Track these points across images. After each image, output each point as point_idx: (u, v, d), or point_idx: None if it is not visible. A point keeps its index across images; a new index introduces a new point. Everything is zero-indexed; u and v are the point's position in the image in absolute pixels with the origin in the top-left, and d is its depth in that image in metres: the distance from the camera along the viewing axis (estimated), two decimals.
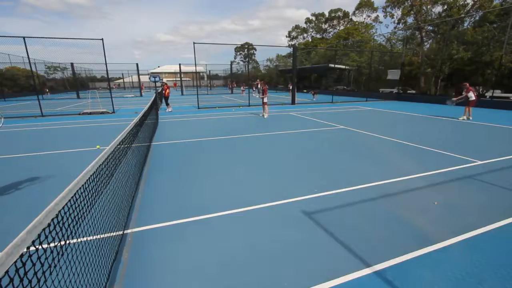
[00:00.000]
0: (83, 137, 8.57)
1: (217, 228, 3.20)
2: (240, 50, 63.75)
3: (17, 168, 5.46)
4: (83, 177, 1.87)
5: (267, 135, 8.62)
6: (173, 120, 12.08)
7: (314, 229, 3.14)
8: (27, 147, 7.19)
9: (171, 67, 60.98)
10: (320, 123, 10.81)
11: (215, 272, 2.46)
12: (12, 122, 11.95)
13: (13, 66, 32.51)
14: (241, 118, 12.43)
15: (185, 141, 7.74)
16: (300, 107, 16.92)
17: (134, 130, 3.95)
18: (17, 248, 1.09)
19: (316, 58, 38.12)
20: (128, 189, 3.63)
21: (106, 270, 2.27)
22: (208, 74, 50.20)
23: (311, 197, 3.98)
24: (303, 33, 52.48)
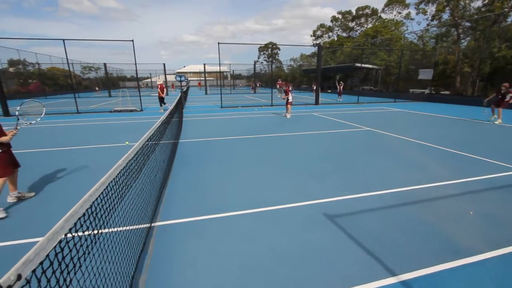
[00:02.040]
0: (113, 133, 9.05)
1: (238, 226, 3.23)
2: (264, 49, 63.79)
3: (56, 161, 5.90)
4: (114, 171, 1.97)
5: (289, 135, 8.54)
6: (197, 118, 12.38)
7: (337, 233, 3.05)
8: (64, 142, 7.75)
9: (196, 66, 62.57)
10: (344, 124, 10.50)
11: (234, 270, 2.48)
12: (52, 118, 12.93)
13: (53, 66, 35.23)
14: (264, 118, 12.44)
15: (208, 140, 7.89)
16: (324, 108, 16.57)
17: (161, 127, 4.09)
18: (56, 234, 1.17)
19: (341, 57, 37.12)
20: (157, 184, 3.77)
21: (134, 260, 2.38)
22: (231, 74, 50.83)
23: (334, 200, 3.88)
24: (328, 32, 51.29)
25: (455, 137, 8.13)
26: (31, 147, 7.05)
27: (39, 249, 1.05)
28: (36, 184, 4.53)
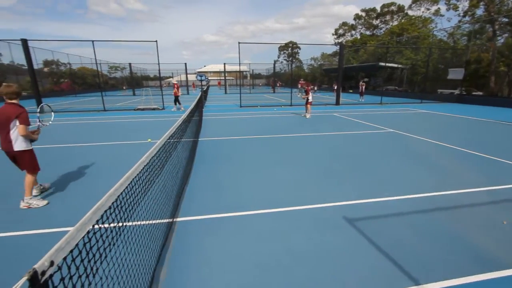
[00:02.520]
0: (136, 130, 9.41)
1: (254, 226, 3.23)
2: (284, 49, 63.39)
3: (83, 155, 6.24)
4: (138, 167, 2.05)
5: (308, 135, 8.43)
6: (216, 117, 12.55)
7: (357, 237, 2.97)
8: (92, 138, 8.17)
9: (216, 66, 63.51)
10: (366, 125, 10.19)
11: (250, 270, 2.49)
12: (81, 115, 13.70)
13: (83, 66, 37.29)
14: (283, 118, 12.36)
15: (227, 138, 7.98)
16: (345, 108, 16.17)
17: (182, 125, 4.20)
18: (85, 225, 1.23)
19: (364, 56, 36.02)
20: (178, 180, 3.88)
21: (156, 253, 2.47)
22: (251, 74, 51.04)
23: (355, 203, 3.78)
24: (351, 30, 49.96)
25: (487, 141, 7.60)
26: (61, 143, 7.50)
27: (69, 238, 1.11)
28: (64, 177, 4.82)
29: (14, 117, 3.42)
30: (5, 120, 3.42)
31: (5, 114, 3.41)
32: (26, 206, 3.63)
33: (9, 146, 3.50)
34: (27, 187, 3.66)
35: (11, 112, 3.42)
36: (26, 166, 3.68)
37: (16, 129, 3.47)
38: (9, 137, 3.47)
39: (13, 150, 3.53)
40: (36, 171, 3.78)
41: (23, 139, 3.55)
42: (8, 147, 3.52)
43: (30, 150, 3.69)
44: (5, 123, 3.43)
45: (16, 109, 3.46)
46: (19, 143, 3.54)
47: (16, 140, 3.51)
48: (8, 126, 3.44)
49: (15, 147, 3.52)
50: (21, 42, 13.57)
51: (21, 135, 3.49)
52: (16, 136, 3.50)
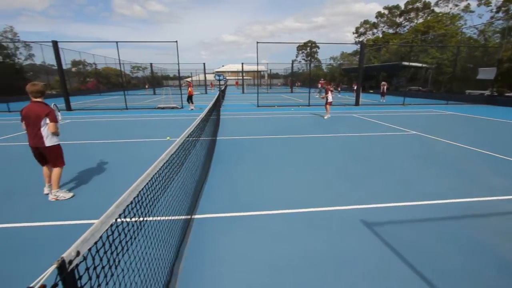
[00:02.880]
0: (156, 128, 9.70)
1: (270, 226, 3.22)
2: (303, 48, 62.69)
3: (106, 152, 6.52)
4: (158, 164, 2.10)
5: (326, 136, 8.28)
6: (234, 117, 12.65)
7: (375, 242, 2.87)
8: (114, 135, 8.51)
9: (234, 66, 63.96)
10: (387, 126, 9.85)
11: (264, 269, 2.48)
12: (104, 113, 14.31)
13: (107, 66, 38.95)
14: (300, 118, 12.24)
15: (244, 138, 8.02)
16: (364, 109, 15.73)
17: (201, 124, 4.26)
18: (108, 218, 1.28)
19: (386, 55, 34.82)
20: (197, 178, 3.95)
21: (175, 248, 2.54)
22: (268, 73, 50.97)
23: (373, 207, 3.66)
24: (373, 29, 48.48)
25: None
26: (86, 139, 7.88)
27: (94, 230, 1.16)
28: (88, 172, 5.05)
29: (44, 115, 3.61)
30: (35, 118, 3.60)
31: (34, 112, 3.59)
32: (54, 198, 3.85)
33: (40, 142, 3.69)
34: (55, 181, 3.87)
35: (40, 111, 3.60)
36: (55, 160, 3.88)
37: (47, 126, 3.67)
38: (40, 134, 3.66)
39: (45, 146, 3.72)
40: (62, 165, 3.99)
41: (53, 135, 3.76)
42: (39, 143, 3.70)
43: (59, 145, 3.91)
44: (35, 121, 3.61)
45: (44, 107, 3.66)
46: (50, 138, 3.75)
47: (47, 136, 3.71)
48: (39, 123, 3.62)
49: (47, 143, 3.72)
50: (52, 44, 14.40)
51: (52, 132, 3.70)
52: (47, 133, 3.70)
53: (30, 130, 3.68)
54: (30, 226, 3.19)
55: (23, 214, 3.48)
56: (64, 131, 8.92)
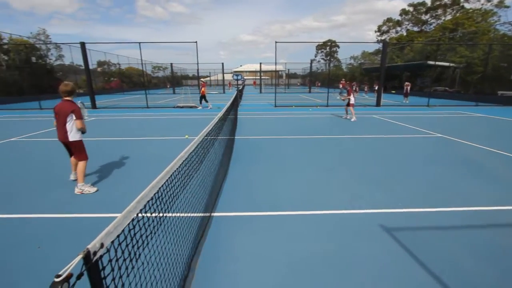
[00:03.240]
0: (175, 127, 9.94)
1: (287, 227, 3.20)
2: (322, 47, 61.66)
3: (127, 149, 6.77)
4: (177, 162, 2.15)
5: (345, 137, 8.09)
6: (251, 116, 12.69)
7: (395, 248, 2.77)
8: (135, 133, 8.83)
9: (252, 66, 64.21)
10: (410, 128, 9.46)
11: (280, 270, 2.46)
12: (126, 111, 14.86)
13: (130, 66, 40.43)
14: (318, 118, 12.06)
15: (261, 138, 8.02)
16: (386, 110, 15.21)
17: (219, 123, 4.31)
18: (130, 213, 1.32)
19: (410, 54, 33.44)
20: (216, 176, 4.01)
21: (194, 244, 2.59)
22: (286, 73, 50.64)
23: (393, 212, 3.53)
24: (396, 27, 46.75)
25: None
26: (109, 136, 8.23)
27: (117, 224, 1.21)
28: (110, 168, 5.27)
29: (70, 112, 3.95)
30: (63, 114, 3.97)
31: (63, 109, 3.97)
32: (80, 192, 4.10)
33: (65, 137, 4.05)
34: (80, 175, 4.15)
35: (67, 108, 3.96)
36: (78, 154, 4.21)
37: (71, 122, 4.01)
38: (65, 129, 4.02)
39: (68, 140, 4.07)
40: (85, 159, 4.27)
41: (76, 131, 4.08)
42: (64, 137, 4.06)
43: (81, 140, 4.21)
44: (63, 117, 3.98)
45: (71, 105, 4.00)
46: (73, 134, 4.07)
47: (71, 131, 4.04)
48: (66, 119, 3.98)
49: (70, 138, 4.06)
50: (80, 45, 15.17)
51: (79, 128, 4.04)
52: (71, 128, 4.03)
53: (59, 125, 4.07)
54: (56, 217, 3.38)
55: (51, 205, 3.69)
56: (89, 128, 9.38)
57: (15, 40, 23.16)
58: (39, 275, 2.38)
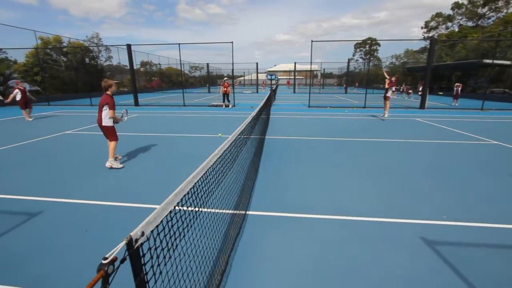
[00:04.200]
0: (209, 125, 10.25)
1: (317, 230, 3.11)
2: (361, 46, 58.91)
3: (165, 144, 7.15)
4: (212, 159, 2.21)
5: (383, 141, 7.64)
6: (284, 116, 12.60)
7: (436, 263, 2.53)
8: (172, 129, 9.29)
9: (286, 65, 63.73)
10: (459, 134, 8.60)
11: (308, 274, 2.40)
12: (165, 109, 15.72)
13: (169, 66, 42.69)
14: (354, 120, 11.55)
15: (293, 138, 7.92)
16: (431, 113, 14.02)
17: (252, 122, 4.35)
18: (168, 205, 1.39)
19: (462, 52, 30.41)
20: (249, 175, 4.07)
21: (231, 240, 2.66)
22: (322, 73, 49.33)
23: (435, 224, 3.24)
24: (447, 22, 42.83)
25: None
26: (148, 132, 8.77)
27: (156, 214, 1.27)
28: (148, 162, 5.61)
29: (105, 103, 4.98)
30: (101, 104, 5.02)
31: (101, 100, 5.03)
32: (109, 166, 5.11)
33: (100, 122, 5.10)
34: (111, 151, 5.16)
35: (104, 99, 5.00)
36: (109, 136, 5.22)
37: (106, 111, 5.02)
38: (101, 116, 5.06)
39: (102, 125, 5.11)
40: (115, 139, 5.24)
41: (108, 118, 5.09)
42: (99, 122, 5.11)
43: (112, 126, 5.19)
44: (100, 106, 5.03)
45: (108, 97, 5.01)
46: (106, 120, 5.10)
47: (104, 118, 5.07)
48: (102, 108, 5.03)
49: (103, 123, 5.10)
50: (126, 47, 16.41)
51: (111, 116, 5.07)
52: (105, 116, 5.06)
53: (98, 113, 5.12)
54: (100, 204, 3.70)
55: (96, 193, 4.05)
56: (131, 124, 10.15)
57: (73, 44, 25.87)
58: (86, 255, 2.63)
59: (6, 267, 2.47)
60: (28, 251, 2.70)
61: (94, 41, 31.99)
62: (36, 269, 2.44)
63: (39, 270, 2.44)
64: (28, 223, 3.22)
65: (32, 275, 2.36)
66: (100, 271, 0.89)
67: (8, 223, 3.19)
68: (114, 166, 5.13)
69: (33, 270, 2.43)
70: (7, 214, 3.42)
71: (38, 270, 2.43)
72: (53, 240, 2.90)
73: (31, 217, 3.35)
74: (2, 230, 3.06)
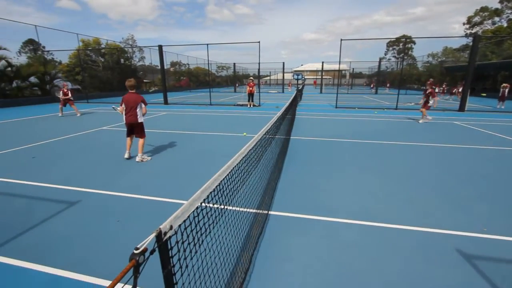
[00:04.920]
0: (234, 124, 10.38)
1: (341, 234, 3.02)
2: (394, 44, 56.00)
3: (191, 141, 7.37)
4: (237, 158, 2.23)
5: (416, 145, 7.20)
6: (309, 117, 12.39)
7: (474, 279, 2.33)
8: (198, 127, 9.55)
9: (313, 65, 62.59)
10: (505, 140, 7.85)
11: (330, 278, 2.34)
12: (192, 107, 16.20)
13: (197, 66, 43.88)
14: (385, 122, 11.03)
15: (319, 139, 7.76)
16: (472, 116, 12.95)
17: (277, 123, 4.33)
18: (195, 201, 1.43)
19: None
20: (272, 175, 4.07)
21: (254, 239, 2.69)
22: (350, 72, 47.71)
23: (475, 236, 2.98)
24: (493, 17, 39.22)
25: None
26: (176, 129, 9.09)
27: (184, 209, 1.32)
28: (173, 158, 5.82)
29: (140, 101, 5.33)
30: (134, 102, 5.30)
31: (133, 98, 5.30)
32: (140, 160, 5.46)
33: (135, 119, 5.38)
34: (141, 147, 5.51)
35: (137, 98, 5.32)
36: (141, 132, 5.54)
37: (140, 108, 5.38)
38: (136, 113, 5.36)
39: (138, 122, 5.41)
40: (145, 136, 5.63)
41: (142, 115, 5.46)
42: (134, 120, 5.38)
43: (143, 122, 5.56)
44: (133, 105, 5.30)
45: (139, 96, 5.34)
46: (141, 117, 5.46)
47: (140, 115, 5.42)
48: (137, 106, 5.32)
49: (139, 119, 5.43)
50: (158, 47, 17.16)
51: (144, 113, 5.49)
52: (140, 113, 5.41)
53: (127, 111, 5.34)
54: (130, 197, 3.91)
55: (127, 186, 4.29)
56: (160, 122, 10.61)
57: (110, 45, 27.61)
58: (116, 243, 2.80)
59: (50, 249, 2.71)
60: (69, 236, 2.94)
61: (129, 43, 33.89)
62: (75, 253, 2.65)
63: (77, 254, 2.64)
64: (68, 210, 3.50)
65: (71, 258, 2.57)
66: (132, 260, 0.94)
67: (53, 210, 3.50)
68: (145, 159, 5.56)
69: (72, 254, 2.64)
70: (53, 202, 3.76)
71: (76, 254, 2.64)
72: (89, 227, 3.12)
73: (71, 205, 3.64)
74: (48, 215, 3.36)
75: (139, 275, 0.95)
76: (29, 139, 7.43)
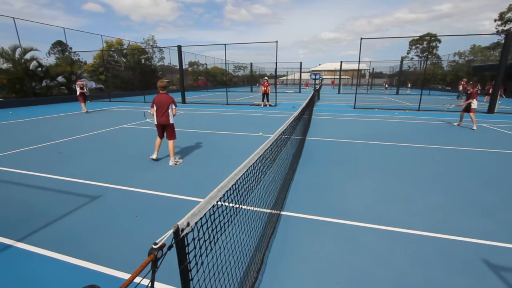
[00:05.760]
0: (250, 123, 10.41)
1: (356, 238, 2.95)
2: (417, 43, 53.74)
3: (208, 140, 7.48)
4: (253, 157, 2.24)
5: (439, 148, 6.89)
6: (327, 117, 12.19)
7: None
8: (215, 127, 9.66)
9: (331, 64, 61.43)
10: None
11: (343, 283, 2.29)
12: (209, 107, 16.42)
13: (215, 66, 44.39)
14: (407, 124, 10.63)
15: (336, 140, 7.62)
16: (502, 118, 12.19)
17: (293, 123, 4.30)
18: (211, 200, 1.46)
19: None
20: (287, 175, 4.05)
21: (266, 239, 2.70)
22: (370, 72, 46.36)
23: (501, 246, 2.81)
24: None
25: None
26: (193, 128, 9.26)
27: (200, 207, 1.34)
28: (191, 156, 5.92)
29: (171, 101, 5.23)
30: (165, 103, 5.19)
31: (165, 99, 5.19)
32: (174, 164, 5.30)
33: (167, 120, 5.28)
34: (172, 151, 5.34)
35: (169, 99, 5.21)
36: (172, 134, 5.42)
37: (171, 109, 5.26)
38: (168, 114, 5.26)
39: (169, 122, 5.31)
40: (175, 138, 5.48)
41: (173, 116, 5.33)
42: (166, 120, 5.28)
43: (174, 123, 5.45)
44: (164, 106, 5.19)
45: (170, 97, 5.23)
46: (172, 118, 5.34)
47: (171, 116, 5.30)
48: (168, 107, 5.21)
49: (171, 121, 5.32)
50: (177, 48, 17.54)
51: (175, 114, 5.33)
52: (171, 114, 5.29)
53: (160, 112, 5.22)
54: (149, 193, 4.03)
55: (147, 182, 4.43)
56: (177, 121, 10.83)
57: (131, 46, 28.59)
58: (135, 238, 2.90)
59: (70, 242, 2.86)
60: (89, 229, 3.08)
61: (150, 43, 34.91)
62: (96, 245, 2.78)
63: (98, 246, 2.76)
64: (90, 204, 3.67)
65: (92, 251, 2.69)
66: (150, 255, 0.97)
67: (76, 203, 3.69)
68: (178, 162, 5.40)
69: (91, 247, 2.76)
70: (75, 195, 3.96)
71: (97, 246, 2.76)
72: (109, 221, 3.26)
73: (93, 199, 3.81)
74: (70, 209, 3.54)
75: (157, 270, 0.98)
76: (56, 136, 7.86)
